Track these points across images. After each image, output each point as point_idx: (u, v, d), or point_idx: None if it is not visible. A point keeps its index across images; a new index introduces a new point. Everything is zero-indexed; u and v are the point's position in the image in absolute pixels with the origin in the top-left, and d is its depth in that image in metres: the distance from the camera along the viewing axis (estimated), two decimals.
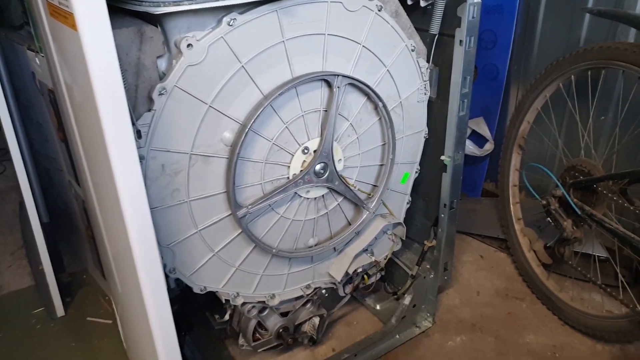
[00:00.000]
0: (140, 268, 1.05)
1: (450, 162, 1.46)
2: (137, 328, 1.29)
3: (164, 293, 1.09)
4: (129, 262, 1.06)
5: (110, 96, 0.82)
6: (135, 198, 0.97)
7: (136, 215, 0.99)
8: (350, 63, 1.23)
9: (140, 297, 1.07)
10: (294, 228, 1.34)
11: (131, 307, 1.25)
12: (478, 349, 1.69)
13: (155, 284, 1.06)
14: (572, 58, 1.70)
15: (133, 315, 1.27)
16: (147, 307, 1.07)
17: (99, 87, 0.81)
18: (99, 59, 0.78)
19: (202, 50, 1.02)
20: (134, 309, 1.21)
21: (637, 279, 1.76)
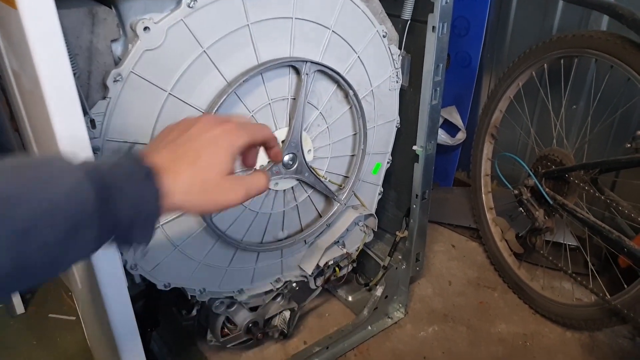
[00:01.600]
0: (98, 266, 0.99)
1: (422, 152, 1.43)
2: (98, 326, 1.23)
3: (124, 291, 1.04)
4: (87, 260, 1.00)
5: (57, 82, 0.76)
6: None
7: None
8: (319, 49, 1.18)
9: (99, 295, 1.02)
10: (261, 221, 1.29)
11: (91, 304, 1.19)
12: (450, 339, 1.68)
13: (114, 282, 1.01)
14: (545, 46, 1.68)
15: (94, 313, 1.21)
16: (106, 306, 1.02)
17: (44, 72, 0.74)
18: (42, 40, 0.72)
19: (160, 34, 0.95)
20: (94, 306, 1.15)
21: (606, 267, 1.77)
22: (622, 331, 1.66)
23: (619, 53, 1.42)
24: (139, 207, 0.55)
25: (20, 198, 0.47)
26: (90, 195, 0.51)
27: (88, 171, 0.52)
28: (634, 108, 1.70)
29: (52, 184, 0.49)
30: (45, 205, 0.48)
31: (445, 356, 1.61)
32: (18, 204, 0.46)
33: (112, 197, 0.53)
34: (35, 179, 0.49)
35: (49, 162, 0.52)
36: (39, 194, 0.48)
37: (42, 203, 0.48)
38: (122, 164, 0.57)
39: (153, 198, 0.56)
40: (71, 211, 0.49)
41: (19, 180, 0.48)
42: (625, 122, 1.77)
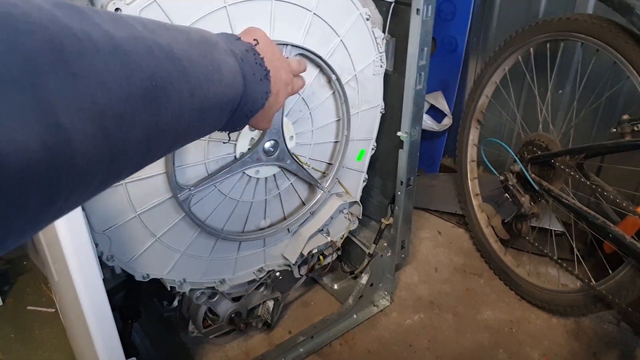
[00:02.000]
0: (70, 258, 0.96)
1: (406, 138, 1.40)
2: (74, 319, 1.20)
3: (99, 283, 1.01)
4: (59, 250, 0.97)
5: None
6: None
7: None
8: (300, 32, 1.14)
9: (73, 288, 0.99)
10: (242, 209, 1.26)
11: (67, 296, 1.16)
12: (436, 326, 1.67)
13: (87, 274, 0.98)
14: (531, 30, 1.66)
15: (69, 306, 1.18)
16: (80, 299, 0.99)
17: None
18: None
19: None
20: (69, 299, 1.12)
21: (591, 253, 1.77)
22: (607, 316, 1.66)
23: (604, 36, 1.40)
24: (254, 101, 0.64)
25: (209, 79, 0.52)
26: (240, 85, 0.59)
27: (238, 61, 0.60)
28: (619, 92, 1.69)
29: (225, 71, 0.56)
30: (221, 89, 0.54)
31: (431, 344, 1.60)
32: (209, 84, 0.52)
33: (246, 89, 0.61)
34: (216, 63, 0.54)
35: (216, 43, 0.58)
36: (218, 77, 0.54)
37: (219, 86, 0.54)
38: (249, 57, 0.64)
39: (264, 95, 0.66)
40: (230, 98, 0.58)
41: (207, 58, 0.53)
42: (611, 107, 1.75)
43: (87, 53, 0.37)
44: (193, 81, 0.49)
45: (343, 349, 1.59)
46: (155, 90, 0.44)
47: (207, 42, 0.56)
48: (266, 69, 0.66)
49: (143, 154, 0.46)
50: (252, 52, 0.65)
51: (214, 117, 0.56)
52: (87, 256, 0.97)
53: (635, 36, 1.34)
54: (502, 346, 1.59)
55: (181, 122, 0.49)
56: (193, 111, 0.50)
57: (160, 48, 0.46)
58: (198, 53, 0.52)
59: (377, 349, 1.59)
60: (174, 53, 0.48)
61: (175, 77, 0.47)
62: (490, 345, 1.59)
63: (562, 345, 1.59)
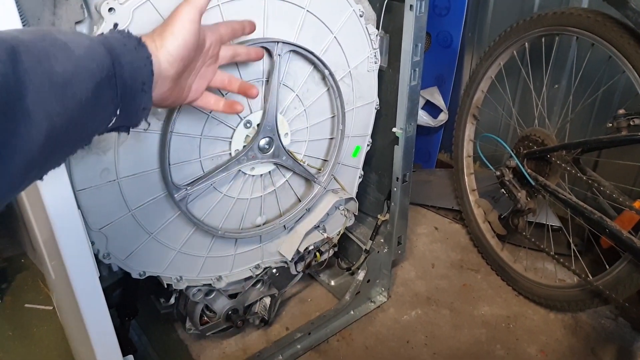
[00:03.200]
0: (67, 256, 0.96)
1: (402, 134, 1.40)
2: (70, 316, 1.20)
3: (95, 281, 1.01)
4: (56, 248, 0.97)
5: None
6: (56, 179, 0.88)
7: (57, 199, 0.90)
8: (294, 29, 1.14)
9: (69, 286, 0.99)
10: (239, 207, 1.26)
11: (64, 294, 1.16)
12: (433, 322, 1.68)
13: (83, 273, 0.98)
14: (526, 24, 1.66)
15: (66, 303, 1.18)
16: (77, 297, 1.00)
17: None
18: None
19: (126, 15, 0.91)
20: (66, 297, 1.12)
21: (589, 248, 1.77)
22: (604, 312, 1.66)
23: (599, 30, 1.40)
24: (136, 69, 0.64)
25: (53, 55, 0.52)
26: (104, 55, 0.59)
27: (99, 39, 0.61)
28: (615, 87, 1.69)
29: (75, 45, 0.56)
30: (73, 62, 0.54)
31: (429, 339, 1.61)
32: (54, 59, 0.52)
33: (118, 59, 0.61)
34: (61, 41, 0.55)
35: (65, 32, 0.58)
36: (67, 52, 0.54)
37: (71, 61, 0.54)
38: (115, 35, 0.65)
39: (146, 61, 0.66)
40: (93, 69, 0.57)
41: (48, 41, 0.54)
42: (606, 101, 1.75)
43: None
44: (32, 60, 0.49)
45: (340, 345, 1.60)
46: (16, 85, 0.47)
47: (53, 32, 0.57)
48: (137, 37, 0.67)
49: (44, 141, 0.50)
50: (117, 30, 0.67)
51: (87, 89, 0.56)
52: (83, 254, 0.97)
53: (631, 30, 1.34)
54: (499, 342, 1.59)
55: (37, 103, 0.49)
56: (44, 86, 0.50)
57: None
58: (36, 37, 0.53)
59: (374, 345, 1.59)
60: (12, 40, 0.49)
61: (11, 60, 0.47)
62: (487, 341, 1.60)
63: (559, 340, 1.59)
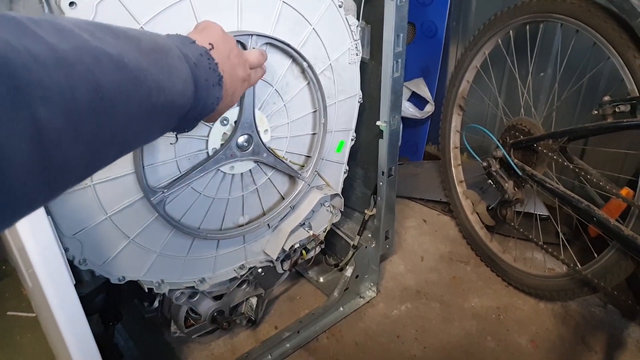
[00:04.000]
0: (38, 265, 0.93)
1: (386, 127, 1.37)
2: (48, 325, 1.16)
3: (70, 290, 0.97)
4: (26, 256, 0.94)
5: None
6: None
7: None
8: (270, 21, 1.10)
9: (43, 295, 0.95)
10: (218, 207, 1.22)
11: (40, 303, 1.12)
12: (423, 316, 1.66)
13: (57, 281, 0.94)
14: (510, 12, 1.63)
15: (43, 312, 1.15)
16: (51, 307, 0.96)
17: None
18: None
19: (89, 10, 0.87)
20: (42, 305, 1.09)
21: (577, 236, 1.76)
22: (594, 300, 1.65)
23: (583, 16, 1.38)
24: (204, 107, 0.65)
25: (160, 89, 0.51)
26: (190, 94, 0.59)
27: (190, 68, 0.60)
28: (600, 73, 1.66)
29: (176, 79, 0.55)
30: (171, 97, 0.54)
31: (419, 334, 1.59)
32: (159, 94, 0.51)
33: (197, 97, 0.61)
34: (167, 72, 0.54)
35: (169, 50, 0.58)
36: (169, 86, 0.53)
37: (169, 96, 0.53)
38: (203, 63, 0.64)
39: (215, 101, 0.67)
40: (179, 105, 0.57)
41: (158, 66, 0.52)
42: (592, 88, 1.73)
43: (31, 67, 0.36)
44: (143, 91, 0.49)
45: (330, 342, 1.57)
46: (101, 102, 0.42)
47: (160, 49, 0.55)
48: (219, 74, 0.67)
49: (85, 167, 0.45)
50: (207, 57, 0.65)
51: (161, 124, 0.56)
52: (55, 262, 0.94)
53: (615, 15, 1.32)
54: (490, 333, 1.57)
55: (127, 132, 0.48)
56: (140, 120, 0.49)
57: (109, 58, 0.45)
58: (149, 61, 0.51)
59: (364, 341, 1.57)
60: (124, 62, 0.47)
61: (125, 87, 0.46)
62: (478, 333, 1.58)
63: (550, 330, 1.58)
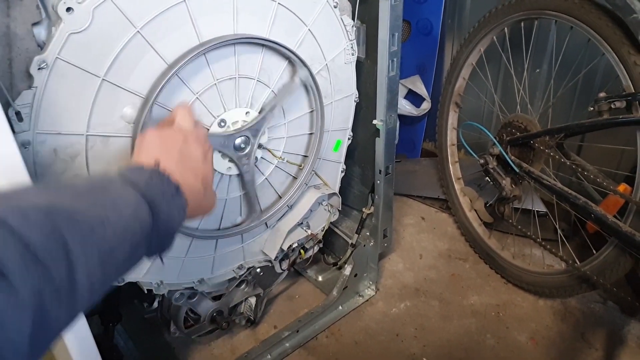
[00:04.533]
0: None
1: (382, 126, 1.38)
2: None
3: None
4: None
5: None
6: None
7: None
8: (265, 23, 1.11)
9: None
10: (216, 207, 1.23)
11: None
12: (422, 314, 1.66)
13: None
14: (505, 9, 1.63)
15: None
16: None
17: None
18: None
19: (85, 15, 0.87)
20: None
21: (576, 232, 1.76)
22: (594, 296, 1.66)
23: (577, 13, 1.38)
24: (171, 220, 0.64)
25: (105, 222, 0.53)
26: (146, 212, 0.59)
27: (139, 191, 0.60)
28: (595, 69, 1.67)
29: (122, 207, 0.57)
30: (121, 226, 0.55)
31: (418, 332, 1.59)
32: (105, 227, 0.52)
33: (157, 213, 0.61)
34: (110, 204, 0.56)
35: (110, 183, 0.60)
36: (116, 216, 0.55)
37: (119, 225, 0.55)
38: (154, 182, 0.65)
39: (181, 210, 0.67)
40: (137, 229, 0.58)
41: (97, 204, 0.54)
42: (588, 85, 1.74)
43: None
44: (83, 228, 0.50)
45: (329, 341, 1.58)
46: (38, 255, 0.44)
47: (98, 188, 0.59)
48: (175, 184, 0.67)
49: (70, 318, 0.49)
50: (156, 174, 0.66)
51: (127, 251, 0.56)
52: None
53: (608, 12, 1.32)
54: (489, 331, 1.58)
55: (84, 275, 0.49)
56: (98, 258, 0.50)
57: (36, 211, 0.47)
58: (85, 202, 0.54)
59: (363, 340, 1.58)
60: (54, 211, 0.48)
61: (58, 235, 0.47)
62: (477, 331, 1.58)
63: (549, 327, 1.58)
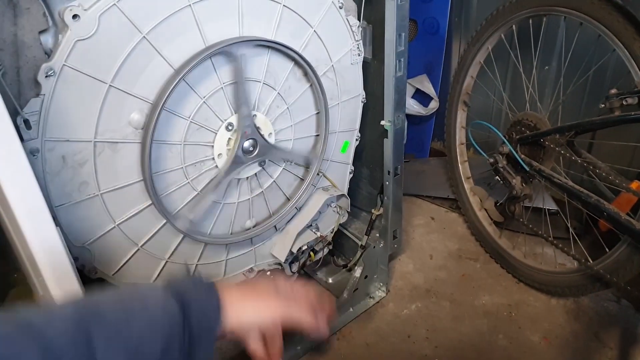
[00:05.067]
0: (47, 276, 0.94)
1: (390, 126, 1.37)
2: None
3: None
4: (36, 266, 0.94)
5: None
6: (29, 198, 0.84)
7: (33, 218, 0.86)
8: (271, 25, 1.10)
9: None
10: (227, 212, 1.23)
11: None
12: (434, 315, 1.65)
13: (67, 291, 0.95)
14: (512, 6, 1.62)
15: None
16: None
17: None
18: None
19: (92, 22, 0.87)
20: None
21: (587, 230, 1.74)
22: (607, 294, 1.64)
23: (587, 9, 1.36)
24: (205, 318, 0.63)
25: (130, 320, 0.57)
26: (175, 307, 0.60)
27: (171, 289, 0.63)
28: (606, 66, 1.65)
29: (150, 305, 0.60)
30: (147, 320, 0.58)
31: (430, 333, 1.58)
32: (130, 324, 0.56)
33: (187, 307, 0.61)
34: (137, 302, 0.60)
35: (143, 290, 0.64)
36: (143, 314, 0.58)
37: (144, 320, 0.58)
38: (189, 279, 0.66)
39: (214, 309, 0.64)
40: (166, 324, 0.59)
41: (126, 306, 0.59)
42: (598, 81, 1.72)
43: None
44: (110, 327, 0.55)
45: (341, 343, 1.57)
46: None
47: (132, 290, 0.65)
48: (208, 282, 0.67)
49: None
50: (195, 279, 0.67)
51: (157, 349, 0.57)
52: (65, 273, 0.94)
53: (619, 7, 1.30)
54: (501, 331, 1.56)
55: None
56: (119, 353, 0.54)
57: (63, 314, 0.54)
58: (119, 304, 0.59)
59: (375, 342, 1.57)
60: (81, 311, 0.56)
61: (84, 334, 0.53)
62: (489, 331, 1.57)
63: (562, 326, 1.57)
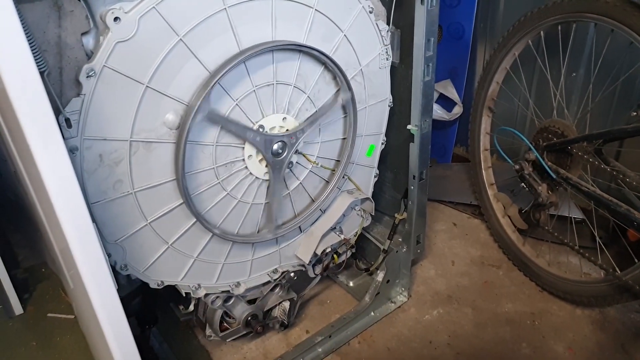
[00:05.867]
0: (83, 269, 0.96)
1: (417, 131, 1.37)
2: (90, 327, 1.20)
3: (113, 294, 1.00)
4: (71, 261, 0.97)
5: (22, 82, 0.71)
6: (68, 194, 0.87)
7: (71, 214, 0.89)
8: (302, 30, 1.12)
9: (88, 299, 0.98)
10: (254, 212, 1.25)
11: (82, 305, 1.16)
12: (455, 321, 1.65)
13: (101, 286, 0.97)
14: (541, 13, 1.61)
15: (86, 314, 1.18)
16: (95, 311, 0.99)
17: (6, 71, 0.69)
18: None
19: (131, 24, 0.90)
20: (85, 307, 1.12)
21: (614, 240, 1.72)
22: (634, 306, 1.62)
23: (619, 16, 1.35)
24: None
25: None
26: None
27: None
28: (637, 74, 1.63)
29: None
30: None
31: (452, 339, 1.58)
32: None
33: None
34: None
35: None
36: None
37: None
38: None
39: None
40: None
41: None
42: (628, 89, 1.70)
43: None
44: None
45: (362, 347, 1.58)
46: None
47: None
48: None
49: None
50: None
51: None
52: (99, 267, 0.96)
53: None
54: (524, 340, 1.55)
55: None
56: None
57: None
58: None
59: (396, 347, 1.57)
60: None
61: None
62: (512, 340, 1.56)
63: (587, 337, 1.55)
